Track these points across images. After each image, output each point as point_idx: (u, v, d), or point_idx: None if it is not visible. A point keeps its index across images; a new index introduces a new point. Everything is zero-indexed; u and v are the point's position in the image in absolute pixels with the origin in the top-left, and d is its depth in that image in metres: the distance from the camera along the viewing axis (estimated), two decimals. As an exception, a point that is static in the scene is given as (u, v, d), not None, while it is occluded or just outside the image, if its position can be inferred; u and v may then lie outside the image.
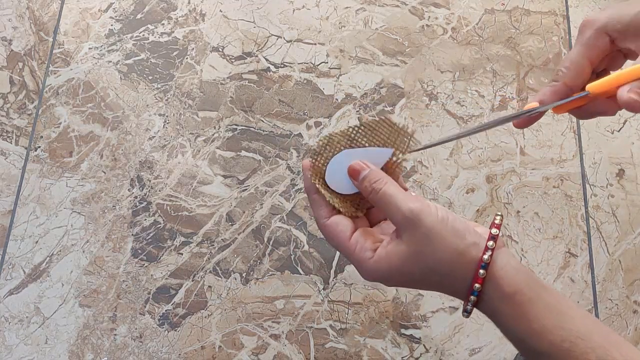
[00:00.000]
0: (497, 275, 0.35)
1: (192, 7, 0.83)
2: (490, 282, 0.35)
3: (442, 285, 0.37)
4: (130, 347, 0.67)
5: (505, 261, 0.36)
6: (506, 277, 0.35)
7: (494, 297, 0.35)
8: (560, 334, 0.33)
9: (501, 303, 0.35)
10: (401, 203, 0.36)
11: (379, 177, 0.38)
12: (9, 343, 0.68)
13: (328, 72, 0.79)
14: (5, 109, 0.78)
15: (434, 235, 0.35)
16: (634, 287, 0.68)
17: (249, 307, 0.69)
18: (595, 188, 0.73)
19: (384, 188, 0.38)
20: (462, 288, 0.36)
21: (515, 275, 0.35)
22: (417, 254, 0.36)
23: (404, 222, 0.36)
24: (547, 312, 0.34)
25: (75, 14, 0.83)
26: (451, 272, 0.36)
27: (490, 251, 0.35)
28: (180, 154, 0.75)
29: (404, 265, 0.36)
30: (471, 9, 0.81)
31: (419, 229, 0.35)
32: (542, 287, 0.35)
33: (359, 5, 0.82)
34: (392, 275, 0.37)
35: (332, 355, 0.66)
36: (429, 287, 0.38)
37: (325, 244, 0.71)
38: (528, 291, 0.34)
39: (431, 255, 0.35)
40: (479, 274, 0.35)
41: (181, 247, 0.71)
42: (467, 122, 0.76)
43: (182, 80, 0.79)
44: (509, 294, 0.34)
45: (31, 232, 0.72)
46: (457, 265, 0.35)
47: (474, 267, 0.35)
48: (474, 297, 0.35)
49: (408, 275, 0.37)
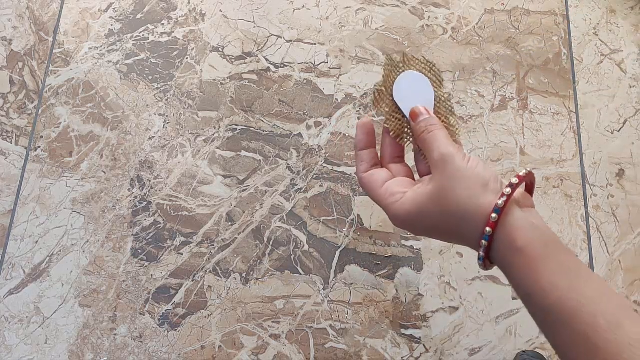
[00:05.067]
0: (512, 225, 0.35)
1: (192, 7, 0.83)
2: (502, 229, 0.35)
3: (457, 230, 0.38)
4: (130, 347, 0.67)
5: (524, 216, 0.36)
6: (521, 229, 0.35)
7: (505, 246, 0.35)
8: (569, 292, 0.32)
9: (512, 254, 0.35)
10: (443, 143, 0.39)
11: (437, 123, 0.41)
12: (9, 343, 0.68)
13: (328, 72, 0.79)
14: (5, 109, 0.78)
15: (459, 176, 0.37)
16: (634, 287, 0.68)
17: (249, 307, 0.69)
18: (595, 188, 0.73)
19: (436, 130, 0.40)
20: (475, 234, 0.36)
21: (531, 231, 0.35)
22: (440, 191, 0.37)
23: (438, 160, 0.38)
24: (559, 270, 0.33)
25: (75, 14, 0.83)
26: (467, 216, 0.36)
27: (505, 197, 0.35)
28: (180, 154, 0.75)
29: (425, 205, 0.38)
30: (471, 9, 0.81)
31: (448, 168, 0.37)
32: (560, 248, 0.35)
33: (359, 5, 0.82)
34: (414, 219, 0.39)
35: (332, 355, 0.66)
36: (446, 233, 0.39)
37: (325, 244, 0.71)
38: (542, 248, 0.34)
39: (452, 194, 0.37)
40: (491, 218, 0.35)
41: (181, 247, 0.71)
42: (467, 122, 0.76)
43: (182, 80, 0.79)
44: (520, 247, 0.34)
45: (31, 232, 0.72)
46: (473, 209, 0.36)
47: (489, 212, 0.35)
48: (485, 241, 0.35)
49: (428, 219, 0.38)
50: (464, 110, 0.77)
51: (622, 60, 0.80)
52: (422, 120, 0.41)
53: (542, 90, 0.77)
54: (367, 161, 0.43)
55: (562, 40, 0.80)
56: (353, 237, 0.71)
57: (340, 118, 0.77)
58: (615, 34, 0.81)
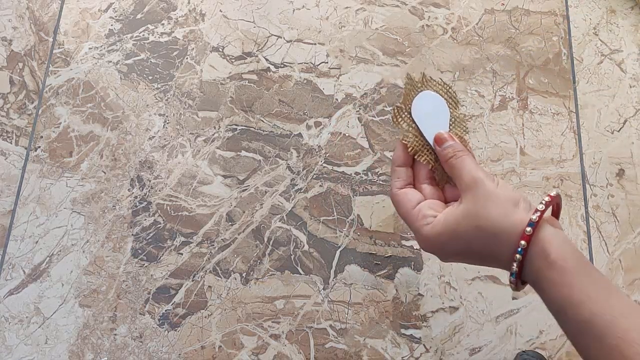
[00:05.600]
0: (545, 239, 0.36)
1: (192, 7, 0.83)
2: (536, 244, 0.36)
3: (489, 248, 0.38)
4: (130, 347, 0.67)
5: (555, 232, 0.37)
6: (554, 243, 0.36)
7: (539, 260, 0.36)
8: (602, 307, 0.33)
9: (546, 268, 0.35)
10: (473, 168, 0.40)
11: (463, 148, 0.43)
12: (9, 343, 0.68)
13: (328, 72, 0.79)
14: (5, 109, 0.78)
15: (490, 197, 0.38)
16: (634, 287, 0.68)
17: (249, 307, 0.69)
18: (595, 188, 0.73)
19: (464, 156, 0.41)
20: (509, 249, 0.37)
21: (564, 245, 0.36)
22: (472, 211, 0.38)
23: (470, 183, 0.39)
24: (592, 284, 0.34)
25: (75, 14, 0.83)
26: (500, 232, 0.37)
27: (539, 212, 0.36)
28: (180, 154, 0.75)
29: (457, 225, 0.38)
30: (471, 9, 0.81)
31: (479, 190, 0.38)
32: (589, 263, 0.36)
33: (359, 5, 0.82)
34: (446, 241, 0.39)
35: (332, 355, 0.66)
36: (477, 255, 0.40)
37: (325, 244, 0.71)
38: (575, 262, 0.35)
39: (485, 213, 0.38)
40: (526, 231, 0.36)
41: (181, 247, 0.71)
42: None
43: (182, 80, 0.79)
44: (554, 260, 0.35)
45: (31, 232, 0.72)
46: (506, 225, 0.37)
47: (522, 227, 0.36)
48: (519, 255, 0.36)
49: (460, 239, 0.39)
50: (464, 110, 0.77)
51: (622, 60, 0.80)
52: (449, 146, 0.42)
53: (542, 90, 0.77)
54: (403, 179, 0.44)
55: (562, 40, 0.80)
56: (353, 237, 0.71)
57: (340, 118, 0.77)
58: (615, 34, 0.81)
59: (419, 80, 0.45)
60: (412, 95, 0.45)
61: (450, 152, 0.42)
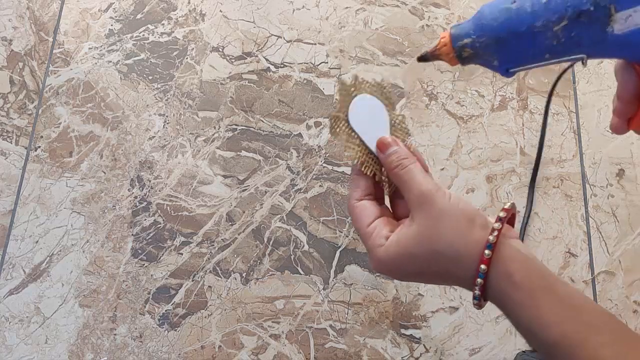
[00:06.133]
0: (506, 259, 0.34)
1: (192, 7, 0.83)
2: (497, 265, 0.34)
3: (448, 271, 0.36)
4: (130, 347, 0.67)
5: (516, 249, 0.35)
6: (516, 263, 0.34)
7: (502, 282, 0.34)
8: (572, 325, 0.31)
9: (510, 289, 0.34)
10: (421, 181, 0.37)
11: (408, 155, 0.39)
12: (9, 343, 0.68)
13: (328, 72, 0.79)
14: (5, 109, 0.78)
15: (443, 216, 0.35)
16: (633, 287, 0.68)
17: (249, 307, 0.69)
18: (595, 188, 0.73)
19: (410, 165, 0.38)
20: (469, 272, 0.35)
21: (526, 263, 0.34)
22: (426, 233, 0.35)
23: (419, 200, 0.36)
24: (560, 302, 0.32)
25: (75, 14, 0.83)
26: (458, 255, 0.35)
27: (496, 232, 0.34)
28: (180, 154, 0.75)
29: (413, 247, 0.36)
30: (471, 9, 0.81)
31: (430, 209, 0.35)
32: (556, 278, 0.34)
33: (359, 5, 0.82)
34: (400, 263, 0.37)
35: (332, 355, 0.66)
36: (435, 276, 0.37)
37: (325, 244, 0.71)
38: (540, 281, 0.33)
39: (439, 236, 0.35)
40: (485, 254, 0.34)
41: (181, 247, 0.71)
42: (467, 122, 0.76)
43: (182, 80, 0.79)
44: (518, 281, 0.33)
45: (31, 232, 0.72)
46: (464, 248, 0.35)
47: (480, 249, 0.34)
48: (480, 279, 0.34)
49: (416, 262, 0.36)
50: (464, 110, 0.77)
51: (622, 60, 0.80)
52: (392, 153, 0.39)
53: (542, 90, 0.77)
54: (362, 188, 0.40)
55: (562, 40, 0.80)
56: (353, 237, 0.71)
57: (340, 118, 0.77)
58: (615, 34, 0.81)
59: (351, 84, 0.41)
60: (346, 101, 0.40)
61: (395, 161, 0.38)
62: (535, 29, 0.32)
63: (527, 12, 0.32)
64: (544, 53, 0.34)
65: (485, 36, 0.34)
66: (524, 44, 0.33)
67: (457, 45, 0.35)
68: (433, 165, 0.74)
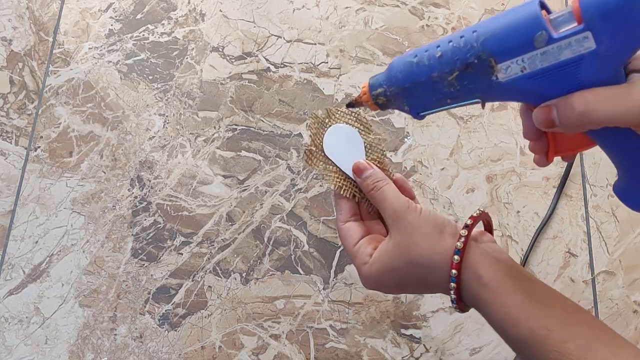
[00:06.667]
0: (475, 263, 0.36)
1: (192, 7, 0.83)
2: (468, 269, 0.37)
3: (425, 279, 0.39)
4: (130, 347, 0.67)
5: (485, 252, 0.37)
6: (484, 265, 0.36)
7: (473, 285, 0.36)
8: (538, 321, 0.33)
9: (481, 291, 0.36)
10: (394, 201, 0.40)
11: (382, 177, 0.42)
12: (9, 343, 0.68)
13: (328, 72, 0.79)
14: (5, 109, 0.78)
15: (414, 229, 0.38)
16: (634, 287, 0.68)
17: (249, 307, 0.69)
18: (595, 188, 0.73)
19: (384, 187, 0.41)
20: (444, 278, 0.37)
21: (495, 265, 0.36)
22: (401, 246, 0.39)
23: (392, 217, 0.40)
24: (528, 300, 0.34)
25: (75, 14, 0.83)
26: (431, 263, 0.38)
27: (463, 238, 0.37)
28: (180, 154, 0.75)
29: (391, 261, 0.39)
30: (471, 8, 0.81)
31: (402, 224, 0.39)
32: (525, 277, 0.36)
33: (359, 5, 0.82)
34: (384, 277, 0.40)
35: (333, 355, 0.66)
36: (417, 285, 0.40)
37: (326, 244, 0.71)
38: (508, 280, 0.35)
39: (413, 247, 0.38)
40: (454, 260, 0.36)
41: (181, 247, 0.71)
42: (467, 122, 0.76)
43: (182, 80, 0.79)
44: (488, 282, 0.36)
45: (31, 232, 0.72)
46: (436, 256, 0.38)
47: (450, 255, 0.37)
48: (453, 283, 0.37)
49: (396, 274, 0.39)
50: (464, 110, 0.77)
51: (622, 60, 0.80)
52: (368, 177, 0.42)
53: (542, 90, 0.77)
54: (345, 210, 0.44)
55: (562, 40, 0.80)
56: (353, 237, 0.71)
57: (341, 118, 0.77)
58: (615, 34, 0.81)
59: (324, 116, 0.44)
60: (321, 133, 0.44)
61: (370, 184, 0.42)
62: (433, 79, 0.36)
63: (425, 65, 0.36)
64: (445, 99, 0.38)
65: (393, 86, 0.38)
66: (426, 92, 0.37)
67: (373, 94, 0.39)
68: (433, 164, 0.74)
